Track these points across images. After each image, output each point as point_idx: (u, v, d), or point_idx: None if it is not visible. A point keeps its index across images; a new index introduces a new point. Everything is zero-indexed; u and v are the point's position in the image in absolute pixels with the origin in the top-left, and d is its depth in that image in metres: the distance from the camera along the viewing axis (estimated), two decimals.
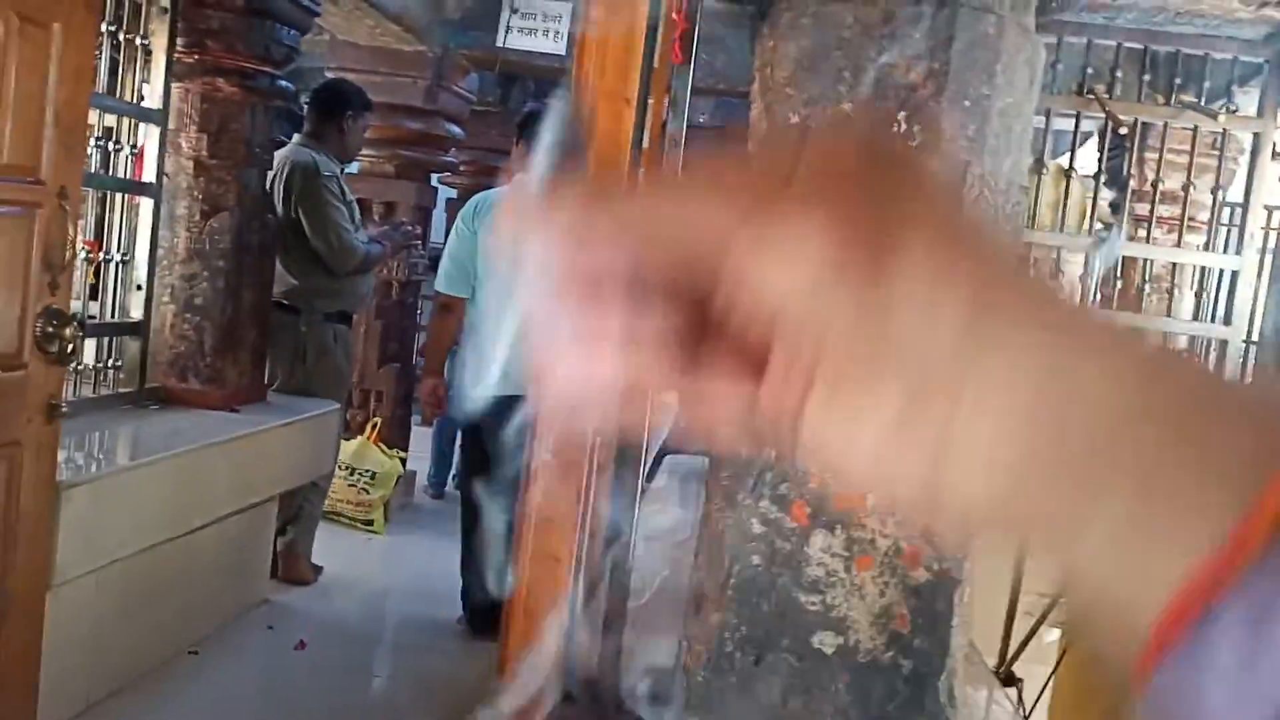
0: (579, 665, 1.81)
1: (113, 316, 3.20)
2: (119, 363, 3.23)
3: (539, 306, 0.33)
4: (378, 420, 4.79)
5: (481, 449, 3.46)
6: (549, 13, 4.65)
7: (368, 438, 4.64)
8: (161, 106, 3.22)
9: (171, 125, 3.29)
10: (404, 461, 4.88)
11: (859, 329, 0.30)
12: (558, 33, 4.62)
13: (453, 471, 5.32)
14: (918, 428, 0.30)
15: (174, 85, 3.28)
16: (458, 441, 5.20)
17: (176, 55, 3.25)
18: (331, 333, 3.91)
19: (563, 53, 4.57)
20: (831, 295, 0.30)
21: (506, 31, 4.65)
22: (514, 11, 4.62)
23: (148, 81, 3.20)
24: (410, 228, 4.55)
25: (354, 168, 5.30)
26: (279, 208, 3.71)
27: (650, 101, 1.91)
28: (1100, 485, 0.28)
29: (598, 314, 0.32)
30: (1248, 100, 3.61)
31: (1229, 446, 0.27)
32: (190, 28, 3.27)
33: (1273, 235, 4.46)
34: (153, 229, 3.27)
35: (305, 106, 4.02)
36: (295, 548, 3.88)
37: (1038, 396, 0.29)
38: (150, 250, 3.26)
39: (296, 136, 3.89)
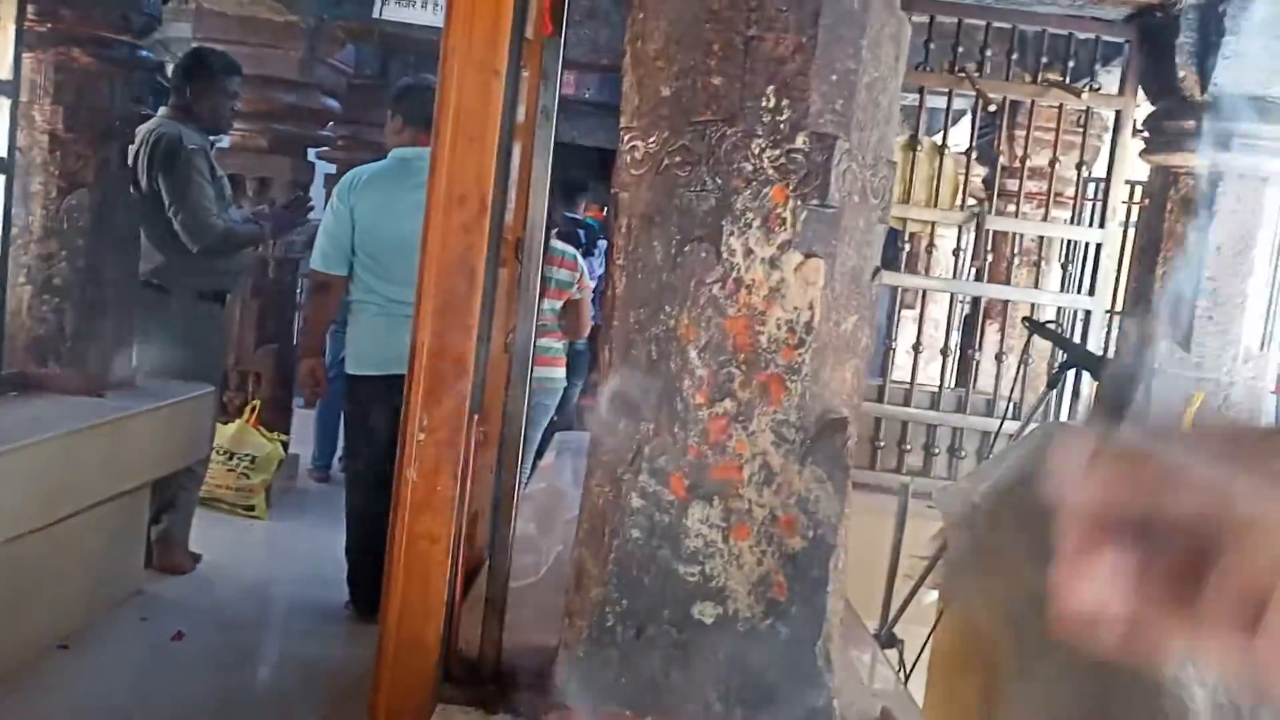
0: (461, 646, 1.79)
1: None
2: None
3: (1069, 537, 0.40)
4: (257, 402, 4.65)
5: (365, 428, 3.39)
6: None
7: (246, 420, 4.50)
8: (12, 77, 3.05)
9: (24, 97, 3.12)
10: (285, 444, 4.75)
11: None
12: (437, 4, 4.53)
13: (338, 453, 5.22)
14: None
15: (25, 55, 3.10)
16: (341, 422, 5.11)
17: (27, 24, 3.08)
18: (204, 310, 3.77)
19: (441, 24, 4.48)
20: None
21: (384, 2, 4.54)
22: None
23: None
24: (309, 202, 4.34)
25: (226, 142, 5.13)
26: (143, 182, 3.56)
27: (525, 74, 1.89)
28: None
29: (1109, 549, 0.38)
30: (1110, 79, 3.76)
31: None
32: None
33: (1134, 209, 4.65)
34: (5, 207, 3.10)
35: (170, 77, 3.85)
36: (171, 536, 3.75)
37: None
38: (2, 230, 3.10)
39: (162, 109, 3.73)
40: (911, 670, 2.74)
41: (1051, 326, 3.14)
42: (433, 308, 1.64)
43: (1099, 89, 3.64)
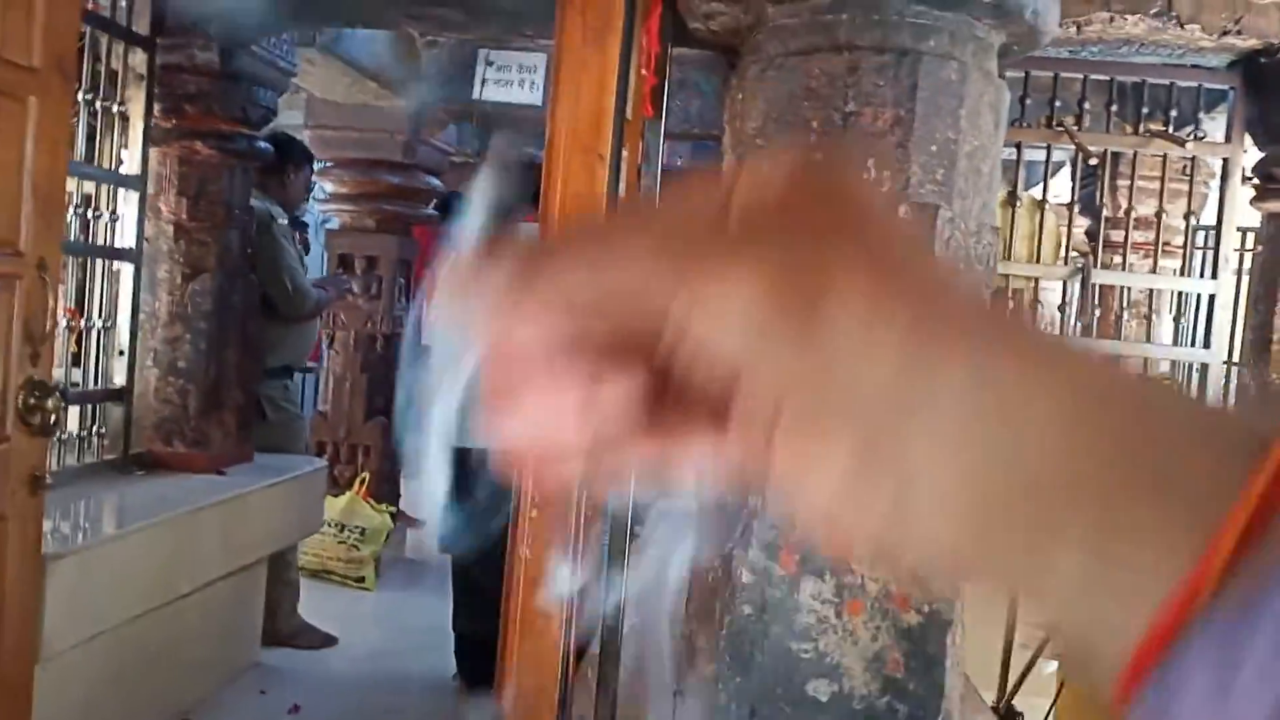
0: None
1: (96, 383, 3.19)
2: (103, 429, 3.22)
3: (487, 376, 0.33)
4: (365, 475, 4.76)
5: (469, 501, 3.44)
6: (524, 64, 4.69)
7: (356, 493, 4.61)
8: (140, 172, 3.24)
9: (150, 190, 3.31)
10: (394, 516, 4.84)
11: (803, 377, 0.29)
12: (533, 83, 4.66)
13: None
14: (870, 474, 0.28)
15: (152, 150, 3.29)
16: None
17: (154, 120, 3.27)
18: (282, 386, 3.90)
19: (539, 102, 4.61)
20: (773, 346, 0.29)
21: (482, 84, 4.69)
22: (489, 64, 4.66)
23: (125, 147, 3.22)
24: (346, 279, 4.62)
25: (335, 223, 5.34)
26: None
27: (625, 154, 1.93)
28: (1060, 520, 0.27)
29: (550, 383, 0.31)
30: (1215, 126, 3.66)
31: (1189, 471, 0.27)
32: (167, 93, 3.29)
33: (1247, 257, 4.50)
34: (134, 293, 3.27)
35: None
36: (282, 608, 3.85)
37: (988, 431, 0.28)
38: (132, 315, 3.26)
39: None
40: None
41: (1166, 382, 3.04)
42: None
43: (1204, 137, 3.55)
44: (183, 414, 3.39)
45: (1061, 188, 4.29)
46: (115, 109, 3.13)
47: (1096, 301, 3.63)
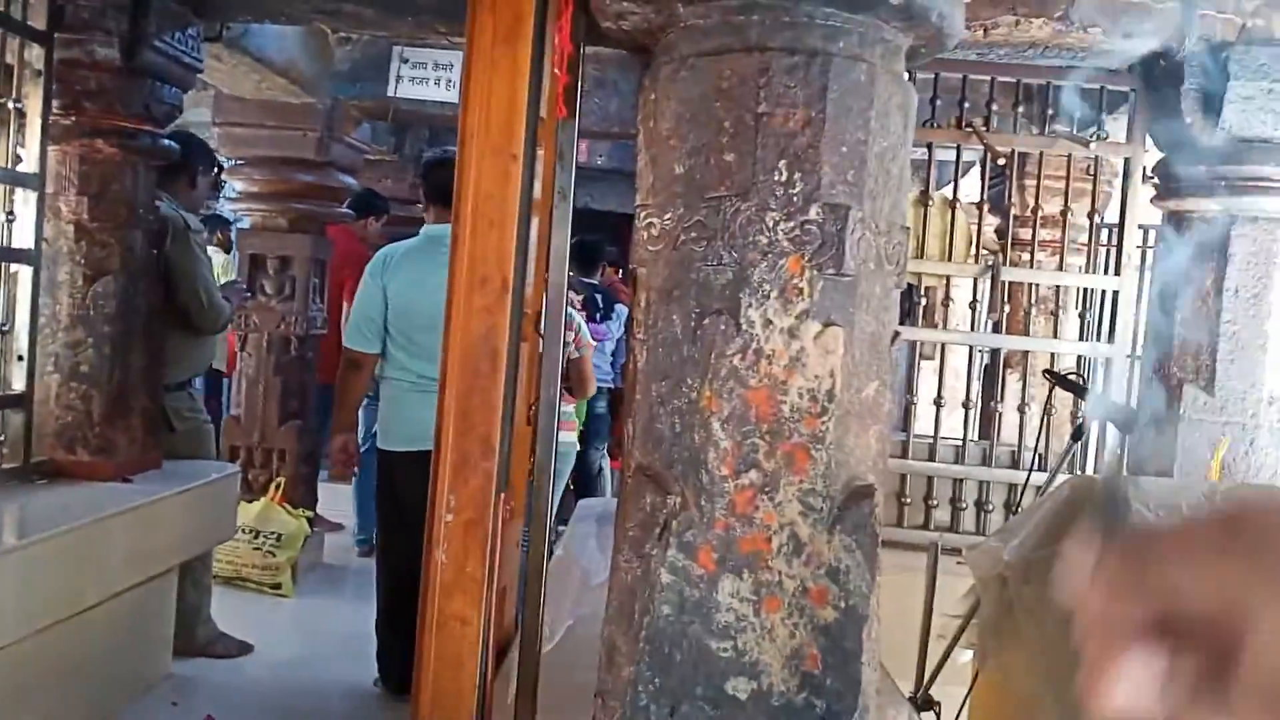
0: None
1: None
2: (2, 437, 3.09)
3: (1089, 647, 0.41)
4: (281, 480, 4.67)
5: (396, 504, 3.39)
6: (440, 61, 4.64)
7: (271, 498, 4.52)
8: (38, 170, 3.12)
9: (50, 189, 3.19)
10: (311, 520, 4.76)
11: None
12: (449, 80, 4.62)
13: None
14: None
15: (51, 148, 3.17)
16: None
17: (52, 117, 3.15)
18: (186, 396, 3.80)
19: (455, 99, 4.56)
20: None
21: (397, 81, 4.63)
22: (404, 61, 4.60)
23: (23, 145, 3.09)
24: (243, 286, 4.54)
25: (246, 222, 5.22)
26: None
27: (540, 152, 1.92)
28: None
29: (1135, 655, 0.40)
30: (1117, 126, 3.78)
31: None
32: (66, 89, 3.17)
33: (1149, 254, 4.65)
34: (33, 297, 3.14)
35: None
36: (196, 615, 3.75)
37: None
38: (31, 318, 3.14)
39: None
40: None
41: (1073, 377, 3.13)
42: (457, 389, 1.66)
43: (1106, 137, 3.66)
44: (86, 420, 3.28)
45: (972, 187, 4.39)
46: (11, 106, 3.01)
47: (1006, 298, 3.73)
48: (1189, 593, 0.39)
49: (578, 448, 4.48)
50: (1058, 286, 3.92)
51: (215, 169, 3.95)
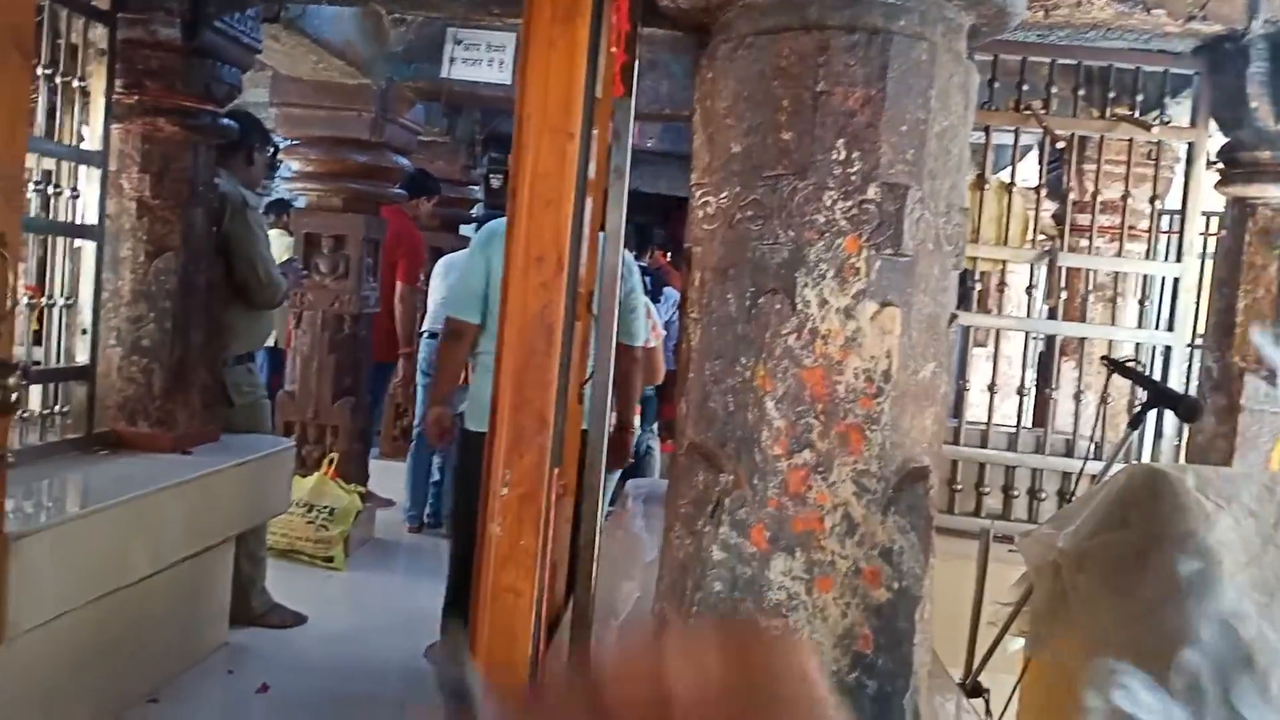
0: None
1: (58, 362, 3.14)
2: (66, 408, 3.17)
3: None
4: (334, 455, 4.73)
5: (473, 481, 3.39)
6: (493, 42, 4.66)
7: (324, 473, 4.59)
8: (101, 148, 3.19)
9: (112, 166, 3.26)
10: (363, 496, 4.83)
11: None
12: (502, 61, 4.63)
13: (428, 506, 5.32)
14: None
15: (114, 126, 3.24)
16: (446, 474, 5.18)
17: (115, 96, 3.22)
18: (245, 371, 3.86)
19: (508, 81, 4.58)
20: None
21: (450, 62, 4.66)
22: (457, 42, 4.63)
23: (87, 123, 3.16)
24: (300, 266, 4.60)
25: (301, 202, 5.29)
26: None
27: (595, 133, 1.93)
28: None
29: None
30: (1180, 111, 3.70)
31: None
32: (129, 68, 3.24)
33: (1211, 241, 4.56)
34: (96, 272, 3.22)
35: None
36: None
37: None
38: (94, 293, 3.22)
39: None
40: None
41: (1131, 364, 3.08)
42: (513, 365, 1.67)
43: (1169, 121, 3.58)
44: (147, 393, 3.36)
45: (1029, 171, 4.32)
46: (75, 84, 3.07)
47: (1063, 284, 3.68)
48: None
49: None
50: (1116, 273, 3.87)
51: (271, 148, 4.00)
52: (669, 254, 6.96)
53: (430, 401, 3.74)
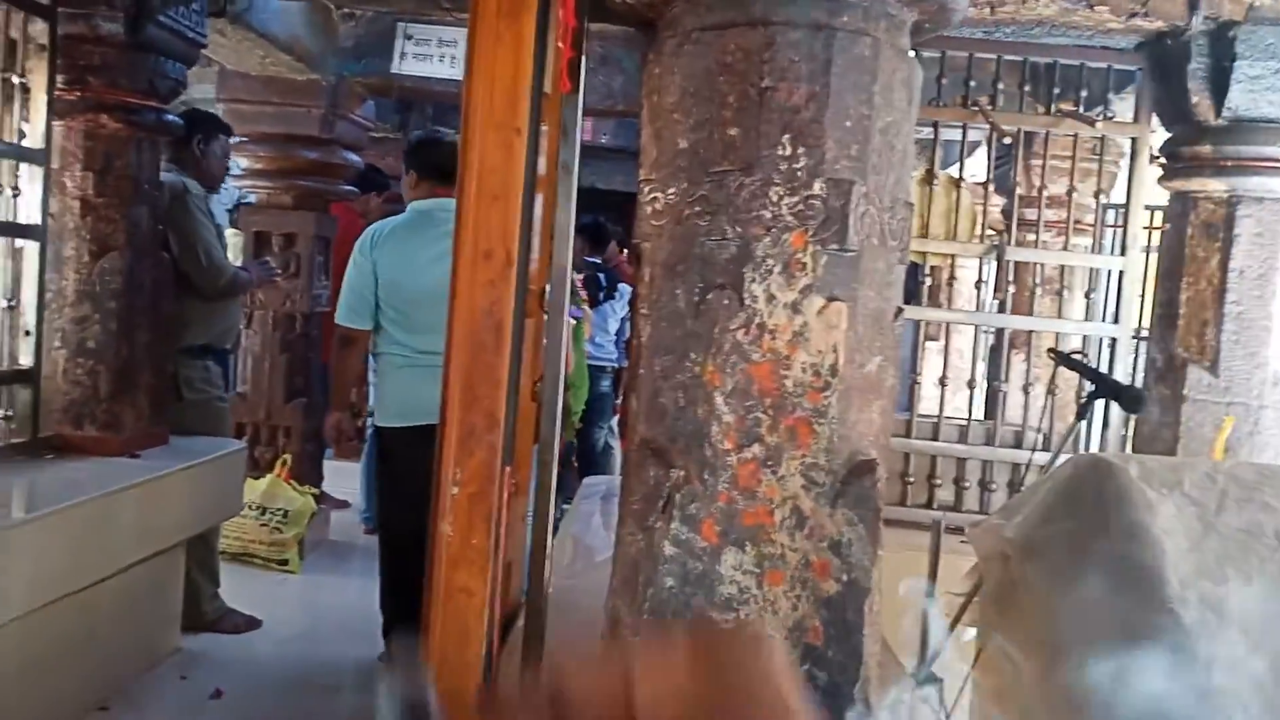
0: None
1: (1, 365, 3.08)
2: (10, 413, 3.11)
3: None
4: (287, 456, 4.68)
5: (397, 481, 3.40)
6: (444, 38, 4.63)
7: (277, 475, 4.54)
8: (43, 146, 3.13)
9: (55, 164, 3.20)
10: (317, 498, 4.78)
11: None
12: (454, 57, 4.61)
13: None
14: None
15: (56, 123, 3.18)
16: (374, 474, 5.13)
17: (57, 92, 3.16)
18: (201, 367, 3.81)
19: (460, 77, 4.55)
20: None
21: (401, 57, 4.62)
22: (408, 38, 4.59)
23: (28, 120, 3.10)
24: (273, 266, 4.48)
25: (252, 199, 5.22)
26: None
27: (545, 128, 1.92)
28: None
29: None
30: (1124, 107, 3.76)
31: None
32: (70, 64, 3.18)
33: (1155, 235, 4.64)
34: (40, 272, 3.16)
35: None
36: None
37: None
38: (38, 294, 3.16)
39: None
40: (952, 709, 2.71)
41: (1077, 356, 3.13)
42: (462, 362, 1.66)
43: (1113, 117, 3.64)
44: (93, 396, 3.30)
45: (977, 167, 4.38)
46: (15, 80, 3.01)
47: (1011, 278, 3.72)
48: None
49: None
50: (1063, 267, 3.92)
51: (223, 138, 3.93)
52: (625, 250, 6.97)
53: (330, 409, 3.74)
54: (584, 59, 1.80)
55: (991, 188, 3.74)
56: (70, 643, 2.92)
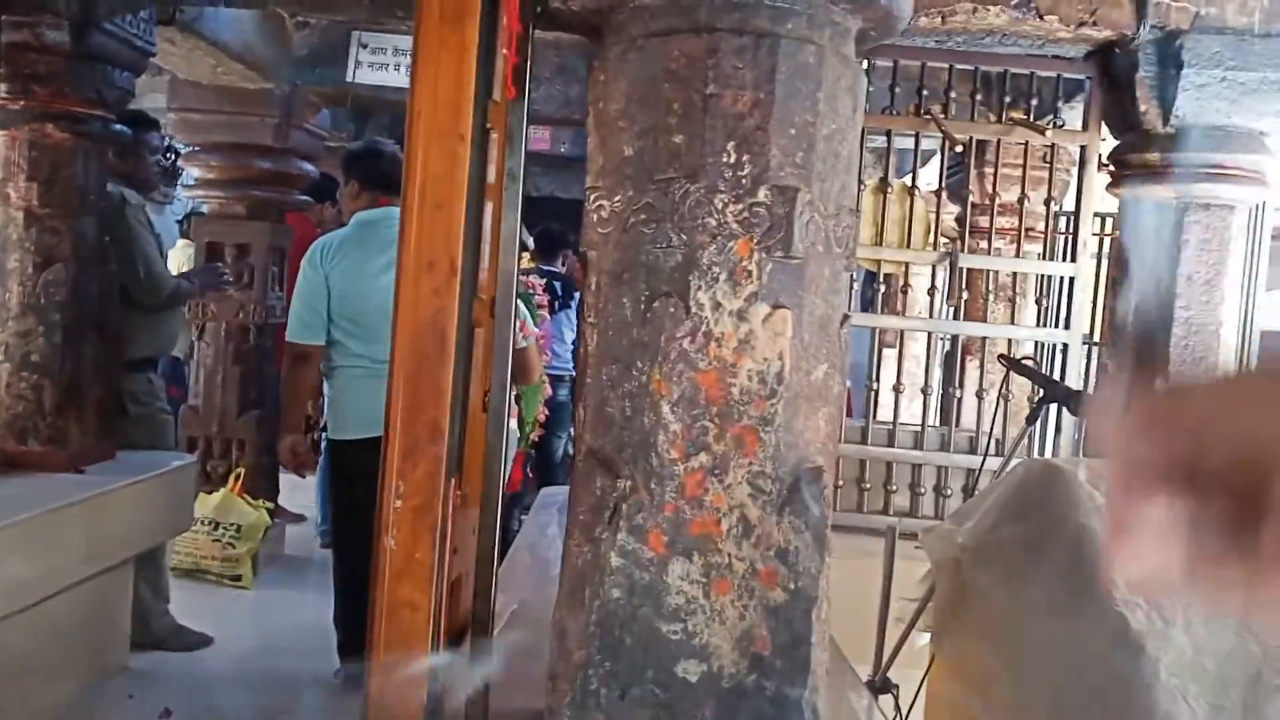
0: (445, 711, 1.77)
1: None
2: None
3: (1113, 491, 0.40)
4: (240, 470, 4.62)
5: (352, 494, 3.35)
6: (399, 46, 4.61)
7: (230, 489, 4.47)
8: None
9: None
10: (272, 512, 4.71)
11: None
12: (409, 66, 4.58)
13: None
14: None
15: (0, 133, 3.12)
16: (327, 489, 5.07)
17: (1, 102, 3.10)
18: (145, 380, 3.74)
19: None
20: None
21: (356, 66, 4.59)
22: (363, 46, 4.56)
23: None
24: (222, 270, 4.35)
25: (205, 209, 5.15)
26: None
27: (494, 135, 1.91)
28: None
29: (1152, 497, 0.38)
30: (1074, 114, 3.81)
31: None
32: (14, 73, 3.12)
33: (1105, 242, 4.70)
34: None
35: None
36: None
37: None
38: None
39: None
40: (908, 715, 2.71)
41: (1028, 362, 3.15)
42: (405, 373, 1.64)
43: (1063, 125, 3.69)
44: (37, 410, 3.23)
45: (931, 175, 4.41)
46: None
47: (964, 285, 3.75)
48: (1221, 436, 0.37)
49: (518, 434, 4.44)
50: (1015, 273, 3.96)
51: (154, 136, 3.84)
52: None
53: (282, 429, 3.64)
54: (529, 65, 1.78)
55: (945, 196, 3.76)
56: (14, 661, 2.86)
